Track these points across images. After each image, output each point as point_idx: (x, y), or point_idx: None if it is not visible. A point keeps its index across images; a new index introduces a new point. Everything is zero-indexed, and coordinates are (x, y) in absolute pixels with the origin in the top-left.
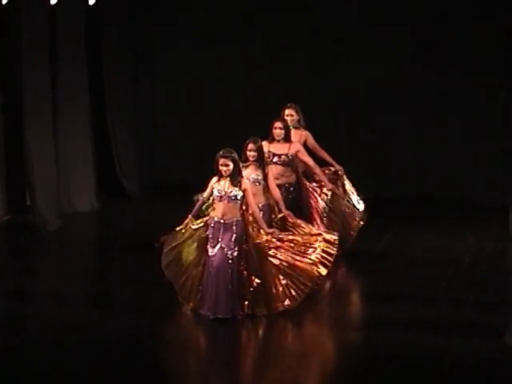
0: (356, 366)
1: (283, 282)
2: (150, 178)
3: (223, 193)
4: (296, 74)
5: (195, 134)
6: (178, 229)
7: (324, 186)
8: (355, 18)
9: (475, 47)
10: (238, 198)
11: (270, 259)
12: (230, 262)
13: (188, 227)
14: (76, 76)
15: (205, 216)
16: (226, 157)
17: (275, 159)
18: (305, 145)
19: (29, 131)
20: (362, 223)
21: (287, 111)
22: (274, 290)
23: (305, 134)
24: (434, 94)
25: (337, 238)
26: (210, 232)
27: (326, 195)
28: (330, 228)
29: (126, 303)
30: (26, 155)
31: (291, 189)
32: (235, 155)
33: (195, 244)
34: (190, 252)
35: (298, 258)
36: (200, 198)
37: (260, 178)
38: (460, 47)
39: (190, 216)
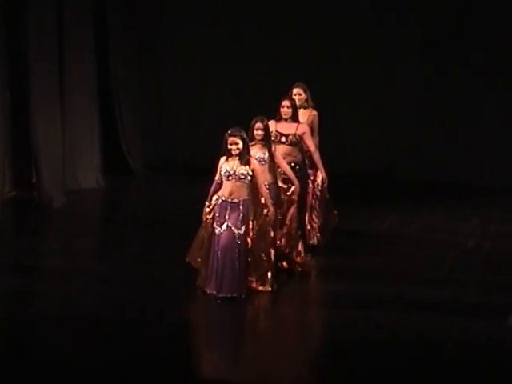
0: (356, 347)
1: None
2: (156, 157)
3: (232, 171)
4: (305, 54)
5: (201, 112)
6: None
7: (316, 175)
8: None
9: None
10: (247, 176)
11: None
12: (237, 240)
13: (205, 216)
14: (83, 55)
15: None
16: (235, 135)
17: (283, 139)
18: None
19: (35, 108)
20: (334, 225)
21: (295, 90)
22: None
23: (313, 115)
24: (432, 80)
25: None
26: (216, 211)
27: (318, 184)
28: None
29: (131, 281)
30: (33, 132)
31: (297, 167)
32: (244, 134)
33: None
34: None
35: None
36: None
37: (266, 156)
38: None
39: (206, 203)
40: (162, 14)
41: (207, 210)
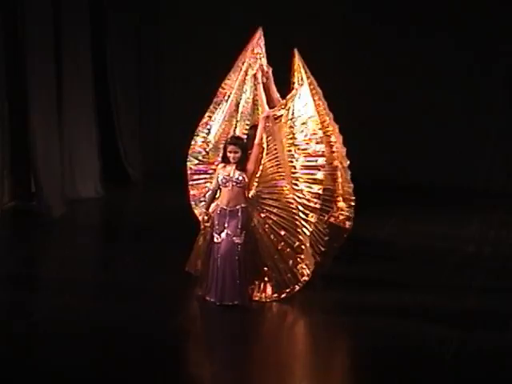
0: (355, 354)
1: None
2: (155, 165)
3: (228, 177)
4: (306, 54)
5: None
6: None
7: None
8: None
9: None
10: (243, 181)
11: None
12: (236, 248)
13: (204, 224)
14: (80, 63)
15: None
16: (235, 144)
17: None
18: None
19: (34, 117)
20: None
21: None
22: (288, 274)
23: None
24: (433, 81)
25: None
26: (215, 219)
27: None
28: None
29: (130, 290)
30: (31, 142)
31: None
32: (243, 142)
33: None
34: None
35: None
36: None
37: None
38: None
39: (204, 211)
40: (161, 13)
41: (205, 218)
